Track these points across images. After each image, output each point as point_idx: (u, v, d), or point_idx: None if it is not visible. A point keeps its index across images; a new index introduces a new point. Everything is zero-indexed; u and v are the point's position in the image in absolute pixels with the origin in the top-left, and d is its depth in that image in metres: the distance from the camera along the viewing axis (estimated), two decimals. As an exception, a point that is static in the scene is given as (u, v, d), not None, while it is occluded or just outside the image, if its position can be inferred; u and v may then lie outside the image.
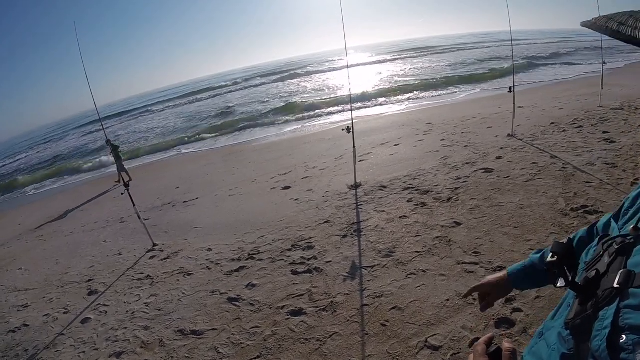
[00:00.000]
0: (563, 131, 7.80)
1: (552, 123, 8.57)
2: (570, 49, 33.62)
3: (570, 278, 0.75)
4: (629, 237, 0.71)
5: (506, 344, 0.79)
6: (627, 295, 0.60)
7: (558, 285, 0.76)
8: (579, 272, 0.80)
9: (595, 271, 0.71)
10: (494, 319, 2.99)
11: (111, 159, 14.97)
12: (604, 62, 11.89)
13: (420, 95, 19.97)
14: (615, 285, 0.63)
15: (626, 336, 0.56)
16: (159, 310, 4.22)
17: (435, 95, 19.53)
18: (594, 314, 0.64)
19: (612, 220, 0.87)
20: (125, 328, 4.03)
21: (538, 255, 1.14)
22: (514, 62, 10.90)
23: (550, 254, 0.78)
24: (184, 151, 17.55)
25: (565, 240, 0.82)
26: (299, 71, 55.94)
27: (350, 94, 8.02)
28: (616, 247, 0.72)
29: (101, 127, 7.56)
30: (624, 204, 0.87)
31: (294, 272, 4.33)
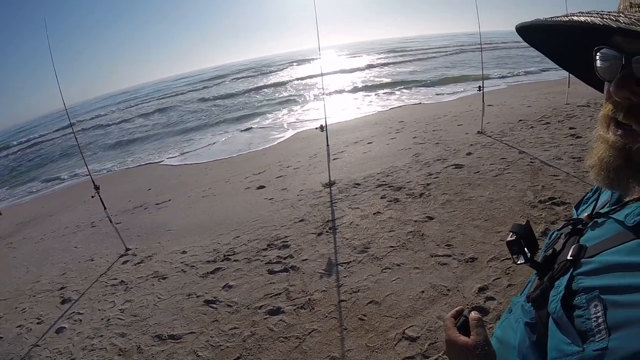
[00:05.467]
0: (531, 127, 8.05)
1: (520, 120, 8.83)
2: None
3: (529, 256, 0.82)
4: (583, 222, 0.79)
5: (473, 314, 0.86)
6: (580, 265, 0.67)
7: (518, 262, 0.82)
8: (541, 253, 0.87)
9: (552, 250, 0.78)
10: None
11: None
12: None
13: (394, 95, 20.07)
14: (568, 257, 0.70)
15: (580, 297, 0.61)
16: (135, 316, 4.14)
17: (408, 94, 19.68)
18: (551, 284, 0.71)
19: (574, 209, 0.95)
20: (102, 336, 3.93)
21: None
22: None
23: (510, 234, 0.84)
24: (156, 154, 17.19)
25: (524, 222, 0.88)
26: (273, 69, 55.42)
27: (324, 93, 8.06)
28: (571, 228, 0.80)
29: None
30: (586, 194, 0.94)
31: (271, 272, 4.33)
